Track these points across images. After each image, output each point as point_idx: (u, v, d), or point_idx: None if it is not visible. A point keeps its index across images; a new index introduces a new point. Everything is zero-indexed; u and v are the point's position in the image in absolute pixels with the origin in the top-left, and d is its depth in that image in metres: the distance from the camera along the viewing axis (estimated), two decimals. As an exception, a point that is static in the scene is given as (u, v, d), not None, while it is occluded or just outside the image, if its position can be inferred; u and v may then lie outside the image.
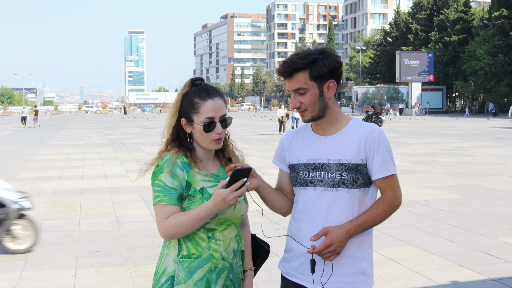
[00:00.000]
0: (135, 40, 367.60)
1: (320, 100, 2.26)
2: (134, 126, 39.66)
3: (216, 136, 2.24)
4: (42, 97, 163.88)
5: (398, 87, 64.93)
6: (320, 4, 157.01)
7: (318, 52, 2.24)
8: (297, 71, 2.23)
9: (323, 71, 2.23)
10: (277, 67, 2.32)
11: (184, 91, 2.28)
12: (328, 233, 2.20)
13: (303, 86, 2.24)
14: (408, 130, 30.45)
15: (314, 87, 2.25)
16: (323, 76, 2.24)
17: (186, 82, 2.31)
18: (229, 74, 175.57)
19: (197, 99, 2.23)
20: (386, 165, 2.26)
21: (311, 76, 2.23)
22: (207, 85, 2.29)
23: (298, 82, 2.24)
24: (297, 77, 2.23)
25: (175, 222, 2.14)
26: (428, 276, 5.06)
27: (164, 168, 2.19)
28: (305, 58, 2.22)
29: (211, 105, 2.22)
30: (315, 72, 2.22)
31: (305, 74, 2.23)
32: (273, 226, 6.97)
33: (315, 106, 2.26)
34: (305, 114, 2.29)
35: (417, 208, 8.26)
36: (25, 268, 5.49)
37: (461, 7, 66.16)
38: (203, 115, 2.22)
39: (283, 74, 2.26)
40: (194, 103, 2.23)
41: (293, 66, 2.22)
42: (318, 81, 2.24)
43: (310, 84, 2.24)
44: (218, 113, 2.24)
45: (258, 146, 20.09)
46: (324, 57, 2.23)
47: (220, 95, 2.27)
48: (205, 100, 2.23)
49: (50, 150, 19.77)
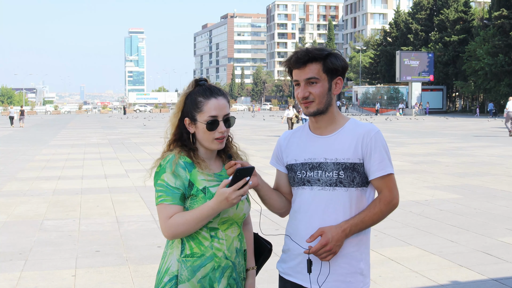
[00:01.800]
0: (135, 40, 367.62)
1: (328, 94, 2.29)
2: (134, 126, 39.66)
3: (219, 135, 2.24)
4: (42, 97, 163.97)
5: (398, 87, 64.94)
6: (320, 4, 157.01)
7: (331, 50, 2.30)
8: (311, 61, 2.25)
9: (336, 65, 2.28)
10: (287, 58, 2.34)
11: (188, 91, 2.30)
12: (324, 233, 2.20)
13: (316, 76, 2.26)
14: (408, 130, 30.45)
15: (325, 80, 2.28)
16: (335, 71, 2.28)
17: (190, 82, 2.33)
18: (229, 74, 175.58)
19: (201, 98, 2.25)
20: (383, 164, 2.27)
21: (325, 68, 2.27)
22: (210, 85, 2.31)
23: (312, 72, 2.26)
24: (311, 66, 2.26)
25: (178, 221, 2.15)
26: (428, 276, 5.05)
27: (166, 168, 2.20)
28: (320, 50, 2.27)
29: (215, 104, 2.24)
30: (329, 65, 2.26)
31: (319, 65, 2.26)
32: (273, 226, 6.98)
33: (322, 99, 2.28)
34: (311, 105, 2.29)
35: (417, 208, 8.26)
36: (25, 268, 5.49)
37: (461, 7, 66.15)
38: (206, 113, 2.23)
39: (298, 61, 2.27)
40: (198, 102, 2.24)
41: (310, 54, 2.25)
42: (329, 75, 2.28)
43: (323, 76, 2.27)
44: (221, 112, 2.25)
45: (258, 146, 20.09)
46: (336, 55, 2.30)
47: (223, 95, 2.29)
48: (208, 98, 2.24)
49: (50, 150, 19.77)
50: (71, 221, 7.60)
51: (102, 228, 7.22)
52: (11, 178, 12.09)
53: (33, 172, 13.08)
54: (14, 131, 34.82)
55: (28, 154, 18.05)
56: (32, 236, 6.76)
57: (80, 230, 7.08)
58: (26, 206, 8.76)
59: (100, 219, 7.75)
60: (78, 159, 16.33)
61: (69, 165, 14.55)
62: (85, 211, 8.29)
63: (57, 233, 6.93)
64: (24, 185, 10.95)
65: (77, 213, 8.18)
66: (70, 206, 8.70)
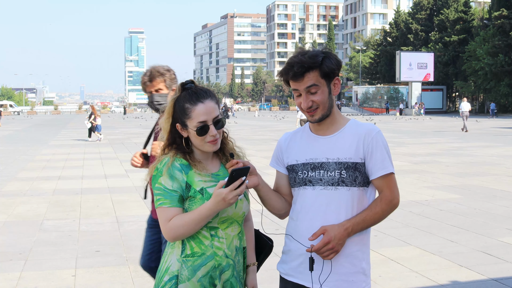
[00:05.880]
0: (135, 40, 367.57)
1: (329, 97, 2.30)
2: (134, 126, 39.66)
3: (211, 138, 2.25)
4: (42, 97, 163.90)
5: (398, 87, 64.95)
6: (320, 4, 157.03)
7: (321, 52, 2.28)
8: (309, 71, 2.24)
9: (332, 68, 2.27)
10: (282, 70, 2.30)
11: (175, 96, 2.29)
12: (326, 232, 2.21)
13: (316, 83, 2.25)
14: (408, 130, 30.45)
15: (324, 85, 2.27)
16: (332, 73, 2.28)
17: (177, 87, 2.31)
18: (229, 74, 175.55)
19: (188, 104, 2.24)
20: (384, 164, 2.27)
21: (322, 74, 2.26)
22: (197, 88, 2.28)
23: (311, 80, 2.25)
24: (309, 75, 2.25)
25: (178, 223, 2.17)
26: (428, 276, 5.05)
27: (163, 171, 2.22)
28: (315, 58, 2.24)
29: (202, 109, 2.23)
30: (326, 69, 2.25)
31: (316, 72, 2.25)
32: (273, 226, 6.96)
33: (326, 104, 2.29)
34: (316, 113, 2.29)
35: (417, 208, 8.26)
36: (25, 268, 5.49)
37: (461, 7, 66.18)
38: (195, 119, 2.22)
39: (295, 75, 2.24)
40: (185, 109, 2.24)
41: (305, 65, 2.23)
42: (327, 79, 2.27)
43: (321, 81, 2.27)
44: (210, 116, 2.24)
45: (259, 146, 20.09)
46: (329, 56, 2.28)
47: (210, 97, 2.27)
48: (195, 104, 2.23)
49: (50, 150, 19.77)
50: (71, 221, 7.60)
51: (102, 228, 7.22)
52: (11, 178, 12.09)
53: (33, 172, 13.08)
54: (15, 131, 34.81)
55: (28, 154, 18.05)
56: (32, 236, 6.76)
57: (80, 230, 7.08)
58: (26, 206, 8.76)
59: (100, 219, 7.75)
60: (78, 159, 16.33)
61: (69, 165, 14.55)
62: (85, 211, 8.29)
63: (57, 233, 6.93)
64: (24, 185, 10.95)
65: (77, 213, 8.18)
66: (70, 206, 8.70)
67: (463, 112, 29.13)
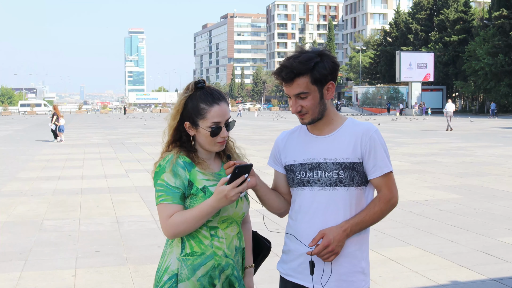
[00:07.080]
0: (135, 40, 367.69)
1: (320, 102, 2.27)
2: (134, 126, 39.66)
3: (221, 139, 2.27)
4: (42, 97, 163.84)
5: (398, 87, 64.94)
6: (320, 4, 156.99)
7: (316, 55, 2.22)
8: (298, 76, 2.21)
9: (323, 74, 2.22)
10: (275, 71, 2.29)
11: (188, 94, 2.28)
12: (325, 235, 2.21)
13: (305, 90, 2.22)
14: (408, 130, 30.45)
15: (315, 91, 2.24)
16: (324, 79, 2.23)
17: (188, 85, 2.30)
18: (229, 74, 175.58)
19: (203, 105, 2.24)
20: (382, 163, 2.27)
21: (313, 80, 2.22)
22: (211, 88, 2.29)
23: (300, 87, 2.22)
24: (299, 81, 2.22)
25: (178, 220, 2.17)
26: (428, 276, 5.05)
27: (166, 167, 2.21)
28: (306, 63, 2.19)
29: (218, 111, 2.24)
30: (316, 75, 2.21)
31: (307, 78, 2.21)
32: (273, 226, 6.96)
33: (315, 109, 2.26)
34: (305, 117, 2.28)
35: (417, 208, 8.26)
36: (25, 268, 5.49)
37: (461, 7, 66.19)
38: (209, 120, 2.23)
39: (284, 80, 2.23)
40: (201, 109, 2.24)
41: (295, 71, 2.20)
42: (319, 85, 2.24)
43: (312, 88, 2.23)
44: (224, 118, 2.26)
45: (259, 146, 20.09)
46: (323, 60, 2.23)
47: (224, 99, 2.29)
48: (211, 105, 2.24)
49: (50, 150, 19.76)
50: (71, 221, 7.60)
51: (102, 228, 7.21)
52: (11, 178, 12.09)
53: (33, 172, 13.08)
54: (15, 131, 34.81)
55: (28, 154, 18.04)
56: (32, 236, 6.76)
57: (80, 230, 7.08)
58: (26, 206, 8.76)
59: (100, 219, 7.75)
60: (78, 159, 16.33)
61: (69, 165, 14.54)
62: (85, 211, 8.28)
63: (57, 233, 6.93)
64: (24, 185, 10.95)
65: (77, 213, 8.18)
66: (70, 206, 8.70)
67: (447, 112, 30.06)
